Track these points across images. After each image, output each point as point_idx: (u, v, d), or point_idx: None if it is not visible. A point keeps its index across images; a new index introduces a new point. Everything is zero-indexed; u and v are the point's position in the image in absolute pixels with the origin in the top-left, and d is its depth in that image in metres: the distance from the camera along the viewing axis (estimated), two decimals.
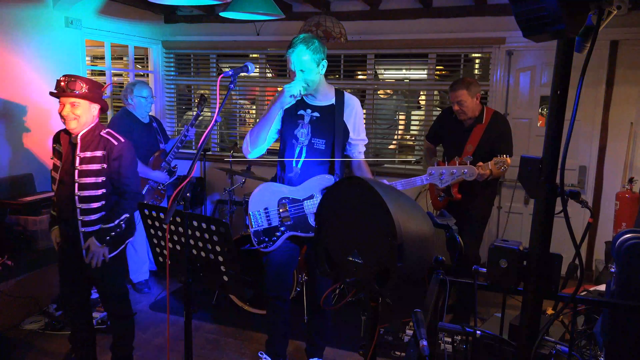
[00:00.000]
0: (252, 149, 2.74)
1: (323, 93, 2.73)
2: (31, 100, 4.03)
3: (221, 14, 3.47)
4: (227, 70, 4.58)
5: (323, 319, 3.02)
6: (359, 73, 5.35)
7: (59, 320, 3.59)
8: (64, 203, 2.70)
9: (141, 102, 4.01)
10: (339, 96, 2.76)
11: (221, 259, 2.07)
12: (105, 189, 2.69)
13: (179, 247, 2.19)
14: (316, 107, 2.75)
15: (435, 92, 5.05)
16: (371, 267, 1.53)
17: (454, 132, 3.63)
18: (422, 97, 5.32)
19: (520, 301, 1.41)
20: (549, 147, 1.27)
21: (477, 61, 5.02)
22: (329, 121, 2.72)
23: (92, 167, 2.65)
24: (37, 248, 3.73)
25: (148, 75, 5.73)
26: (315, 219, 1.75)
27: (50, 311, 3.69)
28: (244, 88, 5.68)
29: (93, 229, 2.69)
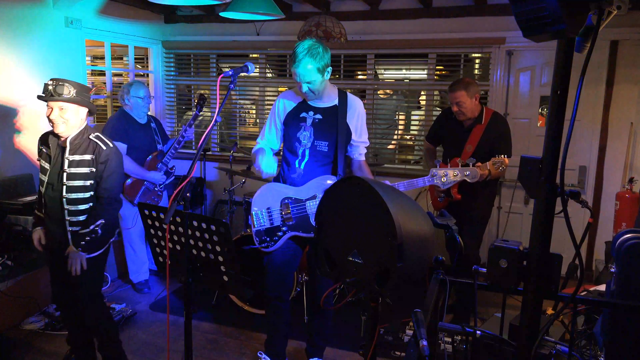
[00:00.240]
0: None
1: (326, 95, 2.73)
2: (31, 101, 4.03)
3: (221, 14, 3.47)
4: (227, 70, 4.58)
5: (323, 319, 3.02)
6: (359, 73, 5.35)
7: (58, 320, 3.59)
8: (52, 204, 2.72)
9: (138, 102, 4.00)
10: (342, 97, 2.76)
11: (221, 259, 2.07)
12: (93, 192, 2.72)
13: (179, 247, 2.19)
14: (319, 109, 2.74)
15: (435, 92, 5.05)
16: (371, 267, 1.53)
17: (454, 132, 3.63)
18: (422, 97, 5.32)
19: (520, 301, 1.41)
20: (549, 147, 1.27)
21: (477, 61, 5.02)
22: (332, 123, 2.73)
23: (81, 170, 2.67)
24: (37, 248, 3.72)
25: (148, 75, 5.73)
26: (315, 218, 1.75)
27: (50, 311, 3.69)
28: (244, 88, 5.68)
29: (79, 228, 2.71)
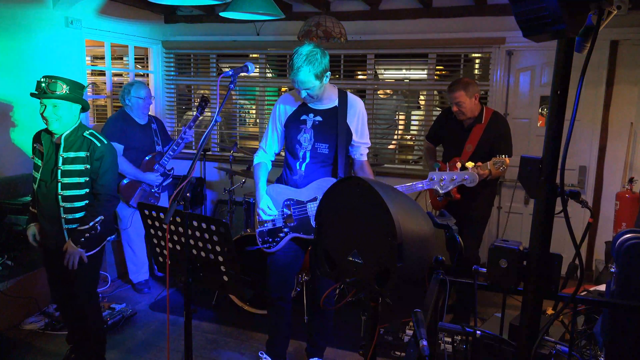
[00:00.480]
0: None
1: (326, 97, 2.72)
2: (31, 100, 4.02)
3: (221, 14, 3.47)
4: (227, 70, 4.58)
5: (324, 319, 3.02)
6: (359, 73, 5.35)
7: (59, 320, 3.59)
8: (46, 202, 2.73)
9: (139, 102, 3.99)
10: (342, 97, 2.75)
11: (221, 259, 2.07)
12: (88, 189, 2.73)
13: (179, 247, 2.19)
14: (319, 111, 2.74)
15: (435, 92, 5.05)
16: (371, 267, 1.53)
17: (454, 132, 3.63)
18: (422, 97, 5.33)
19: (520, 301, 1.41)
20: (549, 147, 1.27)
21: (477, 61, 5.02)
22: (332, 125, 2.72)
23: (75, 167, 2.68)
24: (37, 248, 3.73)
25: (148, 75, 5.73)
26: (315, 219, 1.75)
27: (50, 311, 3.69)
28: (244, 88, 5.67)
29: (76, 226, 2.73)
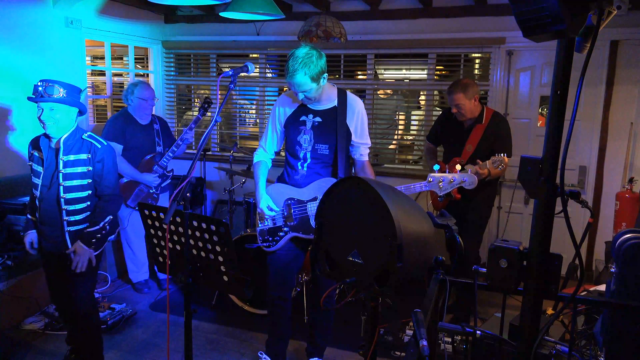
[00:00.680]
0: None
1: (325, 97, 2.72)
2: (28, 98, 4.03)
3: (221, 14, 3.47)
4: (227, 70, 4.58)
5: (324, 319, 3.02)
6: (359, 73, 5.35)
7: (59, 320, 3.59)
8: (48, 206, 2.74)
9: (141, 103, 3.98)
10: (342, 97, 2.75)
11: (221, 259, 2.07)
12: (90, 191, 2.75)
13: (179, 247, 2.19)
14: (318, 111, 2.74)
15: (435, 92, 5.05)
16: (371, 267, 1.53)
17: (454, 132, 3.63)
18: (422, 97, 5.33)
19: (520, 301, 1.41)
20: (549, 147, 1.27)
21: (477, 61, 5.02)
22: (331, 125, 2.72)
23: (77, 169, 2.69)
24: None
25: (148, 75, 5.73)
26: (315, 219, 1.75)
27: (50, 311, 3.69)
28: (244, 88, 5.68)
29: (79, 227, 2.75)
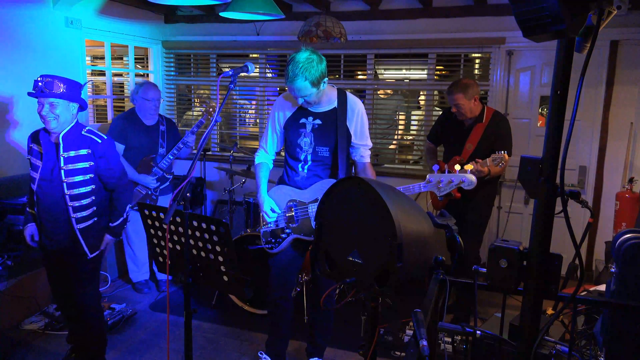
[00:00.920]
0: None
1: (324, 99, 2.71)
2: (32, 101, 4.02)
3: (221, 14, 3.47)
4: (227, 70, 4.58)
5: (324, 319, 3.02)
6: (359, 73, 5.35)
7: (59, 320, 3.59)
8: (49, 202, 2.74)
9: (144, 103, 3.98)
10: (341, 98, 2.74)
11: (221, 259, 2.07)
12: (94, 185, 2.76)
13: (179, 247, 2.19)
14: (318, 113, 2.73)
15: (435, 92, 5.05)
16: (371, 267, 1.53)
17: (454, 131, 3.63)
18: (421, 97, 5.32)
19: (520, 301, 1.41)
20: (549, 147, 1.27)
21: (477, 61, 5.02)
22: (331, 127, 2.72)
23: (79, 165, 2.69)
24: (37, 248, 3.73)
25: (148, 75, 5.73)
26: (315, 219, 1.75)
27: (50, 311, 3.69)
28: (244, 88, 5.68)
29: (88, 223, 2.76)
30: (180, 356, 3.17)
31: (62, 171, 2.66)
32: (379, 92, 5.31)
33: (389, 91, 5.52)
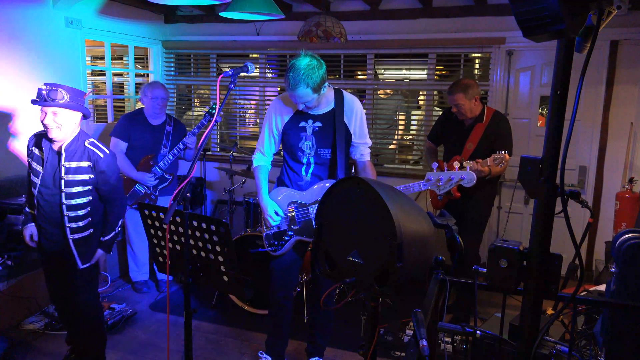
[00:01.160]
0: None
1: (323, 100, 2.71)
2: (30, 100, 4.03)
3: (221, 14, 3.47)
4: (227, 70, 4.58)
5: (324, 319, 3.02)
6: (359, 73, 5.35)
7: (59, 320, 3.59)
8: (48, 208, 2.74)
9: (147, 102, 4.03)
10: (339, 98, 2.74)
11: (221, 259, 2.07)
12: (91, 197, 2.75)
13: (179, 247, 2.19)
14: (317, 116, 2.73)
15: (435, 92, 5.05)
16: (371, 267, 1.53)
17: (455, 131, 3.64)
18: (421, 97, 5.32)
19: (520, 301, 1.41)
20: (549, 147, 1.26)
21: (477, 61, 5.02)
22: (332, 129, 2.72)
23: (79, 177, 2.69)
24: (36, 248, 3.73)
25: (148, 75, 5.73)
26: (315, 219, 1.75)
27: (50, 311, 3.69)
28: (244, 88, 5.68)
29: (82, 235, 2.76)
30: (180, 356, 3.17)
31: (62, 181, 2.66)
32: (379, 92, 5.31)
33: (389, 91, 5.52)
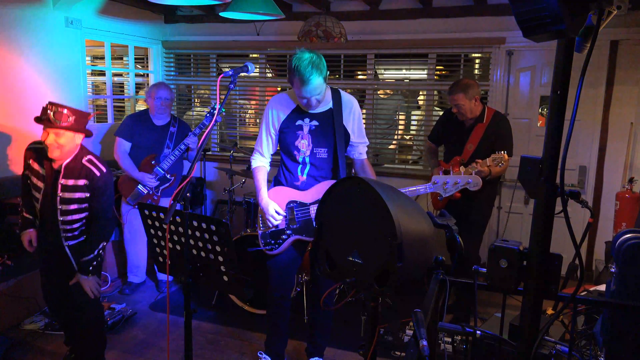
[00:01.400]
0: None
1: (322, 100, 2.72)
2: (31, 101, 4.03)
3: (221, 14, 3.47)
4: (227, 70, 4.58)
5: (324, 319, 3.02)
6: (359, 73, 5.35)
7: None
8: (45, 219, 2.75)
9: (153, 102, 4.05)
10: (336, 98, 2.73)
11: (221, 259, 2.07)
12: (87, 212, 2.76)
13: (179, 247, 2.19)
14: (314, 115, 2.72)
15: (435, 92, 5.05)
16: (371, 267, 1.53)
17: (455, 131, 3.64)
18: (421, 97, 5.32)
19: (520, 301, 1.41)
20: (549, 147, 1.27)
21: (477, 61, 5.02)
22: (329, 128, 2.71)
23: (75, 195, 2.69)
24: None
25: (148, 75, 5.73)
26: (315, 219, 1.75)
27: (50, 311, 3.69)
28: (244, 88, 5.68)
29: (78, 241, 2.78)
30: (180, 356, 3.17)
31: (58, 198, 2.66)
32: (379, 92, 5.31)
33: (389, 91, 5.52)
